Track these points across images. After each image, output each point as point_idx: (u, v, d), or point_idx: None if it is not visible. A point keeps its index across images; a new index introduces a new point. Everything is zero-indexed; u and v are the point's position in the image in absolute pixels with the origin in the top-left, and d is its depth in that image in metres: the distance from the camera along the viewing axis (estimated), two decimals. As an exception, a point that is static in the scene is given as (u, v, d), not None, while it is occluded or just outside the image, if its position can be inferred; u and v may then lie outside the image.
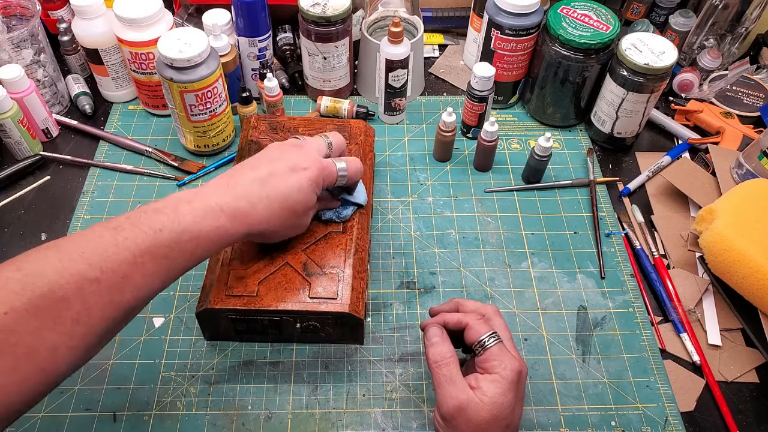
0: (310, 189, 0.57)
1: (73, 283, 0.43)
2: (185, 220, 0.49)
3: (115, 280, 0.45)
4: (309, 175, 0.57)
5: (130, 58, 0.81)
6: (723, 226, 0.68)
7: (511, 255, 0.75)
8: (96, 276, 0.44)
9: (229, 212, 0.52)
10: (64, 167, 0.84)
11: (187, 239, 0.49)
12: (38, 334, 0.41)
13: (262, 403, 0.63)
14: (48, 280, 0.42)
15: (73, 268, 0.43)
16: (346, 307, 0.60)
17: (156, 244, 0.47)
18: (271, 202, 0.55)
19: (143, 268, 0.46)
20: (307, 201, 0.58)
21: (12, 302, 0.41)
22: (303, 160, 0.58)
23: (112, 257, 0.45)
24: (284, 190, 0.55)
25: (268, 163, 0.57)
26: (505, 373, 0.50)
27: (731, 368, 0.66)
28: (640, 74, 0.76)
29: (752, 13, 0.91)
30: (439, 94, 0.95)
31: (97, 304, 0.44)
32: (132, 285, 0.46)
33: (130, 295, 0.46)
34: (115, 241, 0.46)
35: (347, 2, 0.81)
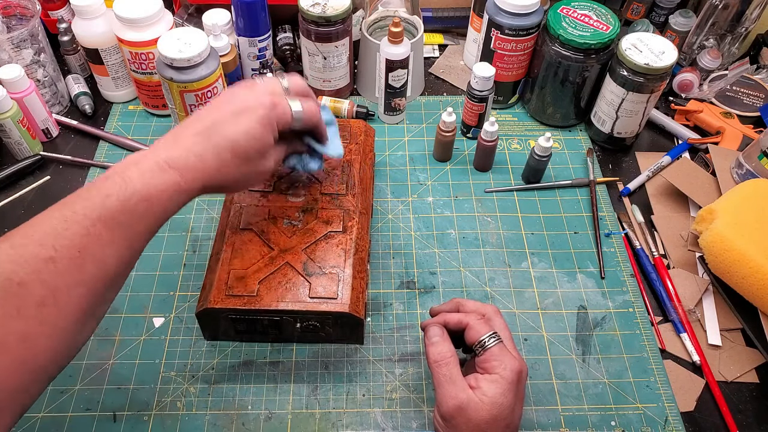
0: (261, 131, 0.53)
1: (27, 267, 0.42)
2: (132, 183, 0.47)
3: (71, 256, 0.43)
4: (257, 116, 0.53)
5: (130, 58, 0.81)
6: (723, 226, 0.68)
7: (511, 255, 0.75)
8: (50, 255, 0.42)
9: (178, 167, 0.49)
10: (64, 167, 0.84)
11: (136, 201, 0.47)
12: (4, 324, 0.40)
13: (262, 403, 0.63)
14: (3, 269, 0.41)
15: (25, 252, 0.42)
16: (346, 307, 0.60)
17: (106, 212, 0.45)
18: (219, 152, 0.51)
19: (99, 239, 0.45)
20: (261, 144, 0.53)
21: None
22: (249, 100, 0.53)
23: (62, 233, 0.43)
24: (231, 136, 0.52)
25: (215, 110, 0.53)
26: (505, 373, 0.50)
27: (731, 368, 0.66)
28: (640, 74, 0.76)
29: (752, 13, 0.91)
30: (439, 94, 0.95)
31: (59, 283, 0.43)
32: (91, 258, 0.44)
33: (93, 268, 0.44)
34: (64, 216, 0.44)
35: (347, 2, 0.81)
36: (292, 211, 0.67)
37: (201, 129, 0.52)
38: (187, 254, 0.74)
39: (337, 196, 0.69)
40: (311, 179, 0.68)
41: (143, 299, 0.70)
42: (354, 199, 0.69)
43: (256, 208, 0.67)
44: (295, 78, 0.59)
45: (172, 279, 0.72)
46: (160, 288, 0.71)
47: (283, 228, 0.66)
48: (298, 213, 0.67)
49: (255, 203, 0.68)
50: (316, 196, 0.69)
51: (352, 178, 0.71)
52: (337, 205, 0.68)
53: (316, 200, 0.68)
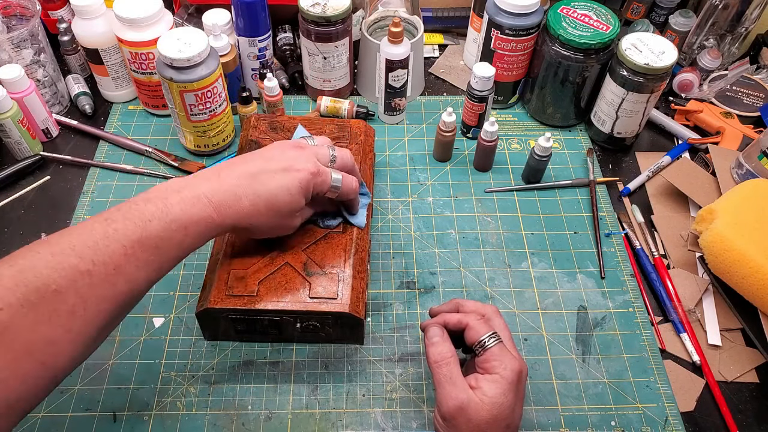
0: (298, 192, 0.56)
1: (65, 276, 0.43)
2: (174, 210, 0.50)
3: (107, 272, 0.45)
4: (300, 177, 0.56)
5: (130, 58, 0.81)
6: (723, 226, 0.68)
7: (511, 255, 0.75)
8: (88, 268, 0.44)
9: (216, 203, 0.52)
10: (64, 167, 0.84)
11: (175, 228, 0.49)
12: (35, 329, 0.42)
13: (262, 403, 0.63)
14: (41, 275, 0.42)
15: (65, 261, 0.44)
16: (346, 307, 0.60)
17: (146, 234, 0.48)
18: (257, 199, 0.55)
19: (135, 259, 0.47)
20: (294, 203, 0.57)
21: (6, 298, 0.41)
22: (298, 162, 0.57)
23: (102, 249, 0.45)
24: (272, 188, 0.55)
25: (263, 161, 0.57)
26: (505, 373, 0.50)
27: (731, 368, 0.66)
28: (640, 74, 0.76)
29: (752, 13, 0.91)
30: (439, 94, 0.95)
31: (91, 296, 0.44)
32: (125, 276, 0.46)
33: (124, 286, 0.47)
34: (106, 233, 0.46)
35: (347, 2, 0.81)
36: (292, 211, 0.67)
37: (246, 174, 0.55)
38: (187, 254, 0.74)
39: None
40: None
41: (143, 299, 0.69)
42: (354, 199, 0.69)
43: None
44: (344, 152, 0.63)
45: (172, 279, 0.72)
46: (160, 288, 0.71)
47: (283, 228, 0.66)
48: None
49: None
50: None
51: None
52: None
53: (316, 200, 0.68)
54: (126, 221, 0.47)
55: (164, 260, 0.50)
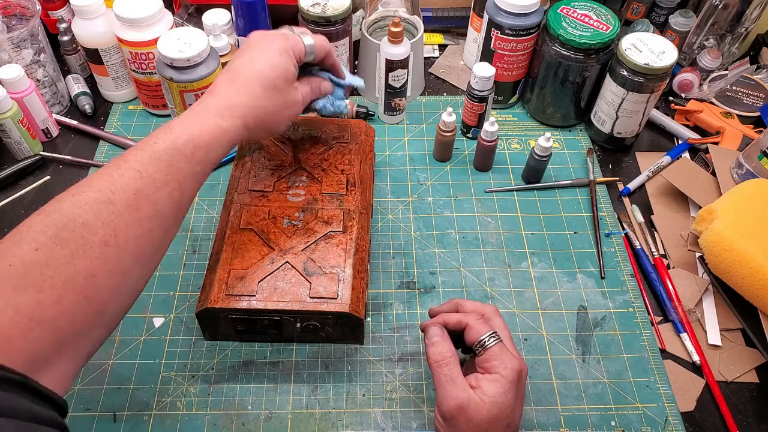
0: (280, 59, 0.58)
1: (89, 210, 0.45)
2: (176, 129, 0.52)
3: (128, 198, 0.47)
4: (274, 48, 0.58)
5: (130, 58, 0.81)
6: (723, 226, 0.68)
7: (511, 255, 0.75)
8: (108, 197, 0.47)
9: (216, 111, 0.55)
10: (64, 167, 0.84)
11: (182, 143, 0.51)
12: (72, 263, 0.43)
13: (262, 403, 0.63)
14: (66, 212, 0.45)
15: (86, 196, 0.46)
16: (346, 307, 0.60)
17: (155, 155, 0.50)
18: (248, 86, 0.57)
19: (151, 180, 0.49)
20: (284, 71, 0.59)
21: (38, 239, 0.43)
22: (263, 41, 0.59)
23: (118, 180, 0.48)
24: (255, 70, 0.57)
25: (236, 59, 0.59)
26: (505, 372, 0.50)
27: (731, 368, 0.66)
28: (640, 74, 0.77)
29: (752, 13, 0.91)
30: (439, 94, 0.95)
31: (119, 223, 0.46)
32: (145, 198, 0.48)
33: (148, 209, 0.49)
34: (118, 166, 0.49)
35: (347, 2, 0.81)
36: (292, 210, 0.67)
37: (229, 76, 0.58)
38: (187, 254, 0.74)
39: (337, 196, 0.69)
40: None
41: (143, 299, 0.70)
42: (354, 199, 0.69)
43: (256, 208, 0.67)
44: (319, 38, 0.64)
45: (172, 279, 0.72)
46: (160, 288, 0.71)
47: (283, 228, 0.66)
48: (298, 213, 0.67)
49: (255, 203, 0.68)
50: (316, 195, 0.69)
51: (351, 178, 0.71)
52: (337, 205, 0.68)
53: (316, 200, 0.68)
54: (135, 150, 0.50)
55: (181, 177, 0.51)
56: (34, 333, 0.40)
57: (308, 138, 0.74)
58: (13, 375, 0.37)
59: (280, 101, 0.59)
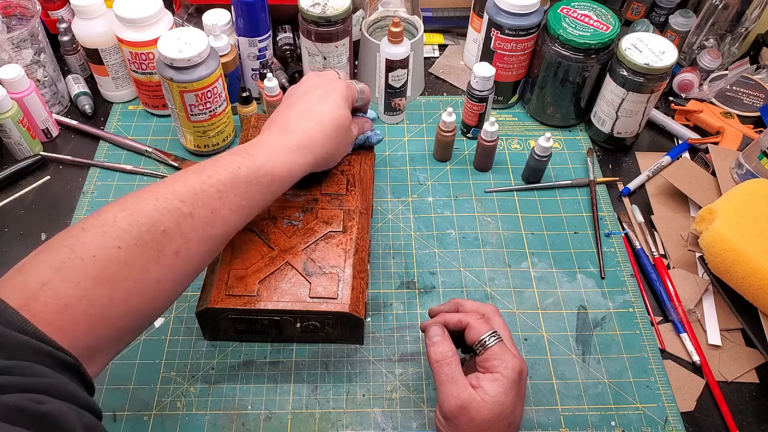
0: (344, 104, 0.64)
1: (171, 218, 0.47)
2: (259, 159, 0.56)
3: (206, 215, 0.50)
4: (340, 92, 0.64)
5: (130, 58, 0.81)
6: (723, 226, 0.68)
7: (511, 255, 0.75)
8: (190, 211, 0.49)
9: (294, 147, 0.59)
10: (64, 167, 0.84)
11: (262, 174, 0.55)
12: (146, 267, 0.45)
13: (262, 403, 0.63)
14: (151, 217, 0.46)
15: (170, 204, 0.48)
16: (346, 307, 0.60)
17: (237, 180, 0.53)
18: (324, 127, 0.62)
19: (228, 202, 0.52)
20: (347, 115, 0.65)
21: (123, 238, 0.44)
22: (328, 83, 0.65)
23: (200, 194, 0.50)
24: (328, 112, 0.62)
25: (303, 98, 0.63)
26: (506, 372, 0.50)
27: (731, 368, 0.66)
28: (640, 74, 0.77)
29: (752, 13, 0.91)
30: (439, 94, 0.95)
31: (193, 237, 0.49)
32: (220, 218, 0.51)
33: (220, 228, 0.52)
34: (201, 179, 0.51)
35: (347, 2, 0.81)
36: (292, 210, 0.67)
37: (301, 112, 0.62)
38: (187, 254, 0.74)
39: (337, 196, 0.69)
40: None
41: (143, 299, 0.70)
42: (354, 199, 0.69)
43: (256, 208, 0.67)
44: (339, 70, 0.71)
45: (172, 279, 0.72)
46: (160, 288, 0.71)
47: (283, 228, 0.66)
48: (298, 213, 0.67)
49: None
50: (316, 195, 0.69)
51: (351, 178, 0.71)
52: (337, 205, 0.68)
53: (316, 200, 0.68)
54: (217, 169, 0.52)
55: (254, 204, 0.55)
56: (98, 326, 0.42)
57: None
58: (72, 360, 0.39)
59: (343, 141, 0.66)
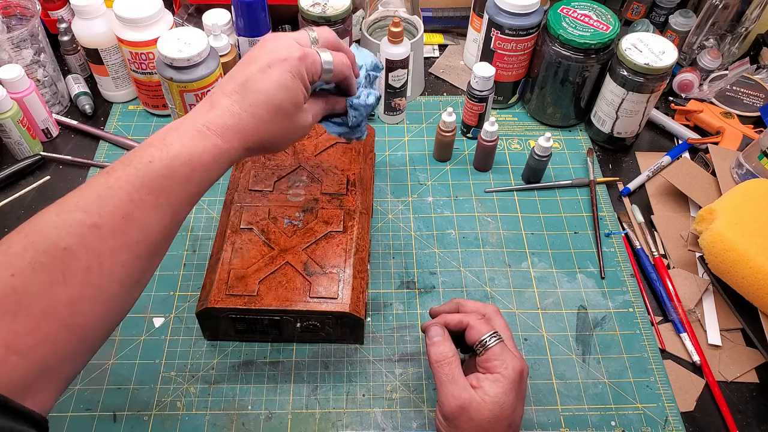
0: (293, 82, 0.51)
1: (72, 233, 0.42)
2: (173, 147, 0.47)
3: (115, 223, 0.44)
4: (287, 67, 0.51)
5: (130, 58, 0.81)
6: (723, 226, 0.68)
7: (511, 255, 0.75)
8: (95, 221, 0.43)
9: (216, 129, 0.49)
10: (64, 167, 0.83)
11: (179, 165, 0.47)
12: (50, 291, 0.41)
13: (262, 403, 0.63)
14: (48, 235, 0.42)
15: (70, 218, 0.43)
16: (346, 307, 0.60)
17: (149, 176, 0.46)
18: (255, 108, 0.50)
19: (142, 203, 0.45)
20: (294, 96, 0.52)
21: (16, 264, 0.40)
22: (279, 52, 0.52)
23: (106, 200, 0.44)
24: (264, 90, 0.51)
25: (245, 65, 0.52)
26: (507, 372, 0.50)
27: (731, 368, 0.66)
28: (640, 74, 0.77)
29: (752, 13, 0.91)
30: (439, 94, 0.95)
31: (104, 248, 0.43)
32: (135, 223, 0.45)
33: (137, 234, 0.45)
34: (108, 183, 0.45)
35: (347, 2, 0.81)
36: (293, 210, 0.67)
37: (235, 87, 0.51)
38: (187, 254, 0.74)
39: (337, 196, 0.69)
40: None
41: (143, 299, 0.70)
42: (354, 199, 0.69)
43: (257, 207, 0.67)
44: (324, 30, 0.57)
45: (172, 279, 0.72)
46: (160, 288, 0.71)
47: (283, 228, 0.66)
48: (298, 213, 0.67)
49: (255, 203, 0.68)
50: (316, 195, 0.69)
51: (351, 178, 0.71)
52: (338, 205, 0.68)
53: (316, 200, 0.68)
54: (127, 167, 0.46)
55: (174, 201, 0.48)
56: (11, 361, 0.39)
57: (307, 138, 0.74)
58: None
59: (286, 126, 0.53)
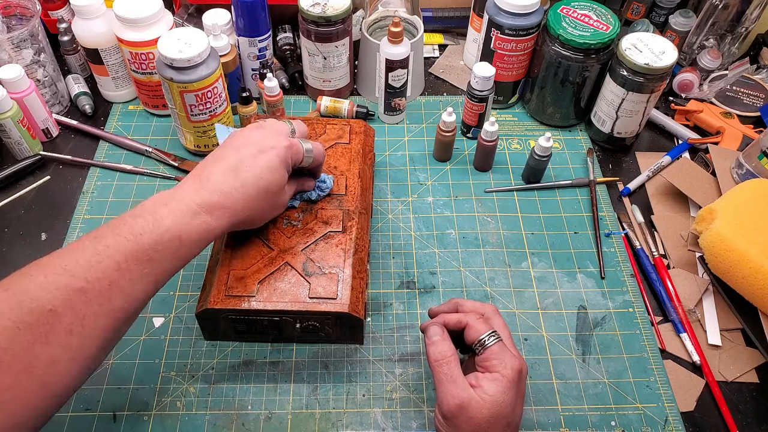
0: (280, 167, 0.57)
1: (59, 296, 0.44)
2: (164, 223, 0.50)
3: (101, 288, 0.45)
4: (277, 153, 0.57)
5: (130, 58, 0.81)
6: (723, 226, 0.68)
7: (511, 255, 0.75)
8: (82, 286, 0.44)
9: (207, 208, 0.53)
10: (64, 167, 0.84)
11: (168, 239, 0.49)
12: (32, 350, 0.42)
13: (262, 403, 0.63)
14: (35, 296, 0.43)
15: (58, 281, 0.44)
16: (346, 307, 0.60)
17: (138, 248, 0.48)
18: (246, 189, 0.55)
19: (129, 273, 0.47)
20: (280, 179, 0.58)
21: (1, 322, 0.41)
22: (267, 140, 0.58)
23: (95, 266, 0.46)
24: (257, 173, 0.56)
25: (235, 151, 0.57)
26: (505, 371, 0.50)
27: (731, 368, 0.66)
28: (640, 74, 0.76)
29: (752, 13, 0.91)
30: (439, 94, 0.95)
31: (88, 313, 0.45)
32: (120, 291, 0.47)
33: (121, 301, 0.47)
34: (96, 250, 0.46)
35: (347, 2, 0.81)
36: (292, 211, 0.67)
37: (227, 168, 0.55)
38: (187, 254, 0.74)
39: (337, 196, 0.69)
40: None
41: (143, 299, 0.70)
42: (354, 199, 0.69)
43: (256, 208, 0.67)
44: (299, 123, 0.64)
45: (172, 279, 0.71)
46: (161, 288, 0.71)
47: (282, 228, 0.66)
48: (297, 213, 0.67)
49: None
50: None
51: (351, 178, 0.70)
52: (337, 205, 0.68)
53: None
54: (117, 237, 0.48)
55: (159, 272, 0.50)
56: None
57: None
58: None
59: (269, 204, 0.60)
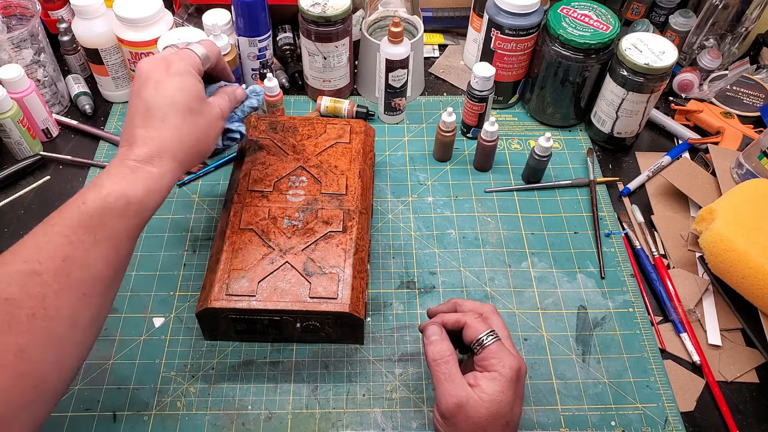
0: (185, 79, 0.55)
1: (14, 283, 0.43)
2: (105, 186, 0.49)
3: (56, 266, 0.45)
4: (174, 69, 0.55)
5: (130, 58, 0.81)
6: (723, 226, 0.68)
7: (511, 255, 0.75)
8: (34, 269, 0.44)
9: (145, 159, 0.51)
10: (64, 167, 0.84)
11: (114, 200, 0.48)
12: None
13: (262, 403, 0.63)
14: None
15: (10, 269, 0.44)
16: (346, 307, 0.60)
17: (84, 216, 0.47)
18: (168, 121, 0.53)
19: (81, 244, 0.46)
20: (194, 89, 0.55)
21: None
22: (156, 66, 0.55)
23: (44, 246, 0.45)
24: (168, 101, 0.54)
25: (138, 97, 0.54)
26: (504, 371, 0.50)
27: (731, 368, 0.66)
28: (640, 74, 0.76)
29: (752, 13, 0.91)
30: (439, 94, 0.95)
31: (48, 293, 0.44)
32: (76, 263, 0.46)
33: (80, 273, 0.46)
34: (44, 231, 0.46)
35: (347, 2, 0.81)
36: (292, 210, 0.67)
37: (142, 115, 0.53)
38: (187, 254, 0.74)
39: (337, 196, 0.69)
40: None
41: (143, 299, 0.70)
42: (354, 199, 0.69)
43: (256, 208, 0.67)
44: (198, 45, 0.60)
45: (172, 279, 0.72)
46: (160, 288, 0.71)
47: (283, 228, 0.66)
48: (298, 213, 0.67)
49: (255, 203, 0.68)
50: (316, 195, 0.69)
51: (351, 178, 0.71)
52: (337, 205, 0.68)
53: (316, 200, 0.68)
54: (62, 213, 0.47)
55: (114, 235, 0.48)
56: None
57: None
58: None
59: (201, 123, 0.56)
